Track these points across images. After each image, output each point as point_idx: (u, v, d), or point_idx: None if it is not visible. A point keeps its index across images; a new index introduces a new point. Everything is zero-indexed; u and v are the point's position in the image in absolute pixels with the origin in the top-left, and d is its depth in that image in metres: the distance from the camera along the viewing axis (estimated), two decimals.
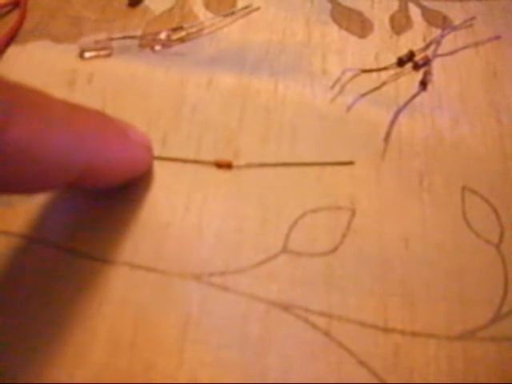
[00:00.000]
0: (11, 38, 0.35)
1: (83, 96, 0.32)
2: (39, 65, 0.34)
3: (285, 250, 0.27)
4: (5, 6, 0.37)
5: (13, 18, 0.36)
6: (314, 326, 0.25)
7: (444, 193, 0.29)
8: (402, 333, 0.25)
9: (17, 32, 0.36)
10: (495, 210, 0.29)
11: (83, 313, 0.25)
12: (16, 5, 0.37)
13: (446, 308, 0.26)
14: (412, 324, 0.25)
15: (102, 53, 0.35)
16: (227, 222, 0.28)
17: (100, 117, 0.24)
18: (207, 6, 0.38)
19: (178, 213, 0.28)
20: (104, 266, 0.26)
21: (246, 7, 0.37)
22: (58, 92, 0.31)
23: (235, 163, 0.29)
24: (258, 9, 0.37)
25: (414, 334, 0.25)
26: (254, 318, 0.25)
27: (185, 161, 0.29)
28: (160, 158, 0.29)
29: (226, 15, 0.37)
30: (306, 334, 0.25)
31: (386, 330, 0.25)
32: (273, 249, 0.27)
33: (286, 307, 0.26)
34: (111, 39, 0.35)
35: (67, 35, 0.36)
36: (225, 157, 0.30)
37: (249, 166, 0.29)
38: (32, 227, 0.27)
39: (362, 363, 0.24)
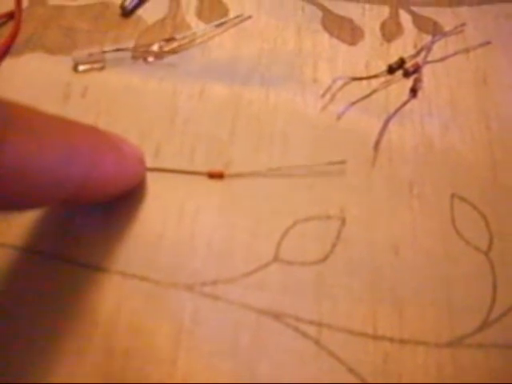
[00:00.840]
0: (6, 51, 0.36)
1: (77, 109, 0.32)
2: (34, 78, 0.34)
3: (276, 258, 0.28)
4: None
5: (7, 30, 0.37)
6: (304, 334, 0.26)
7: (434, 200, 0.30)
8: (391, 340, 0.26)
9: (11, 44, 0.36)
10: (484, 218, 0.29)
11: (77, 320, 0.26)
12: (10, 17, 0.38)
13: (435, 315, 0.26)
14: (401, 331, 0.26)
15: (95, 65, 0.35)
16: (219, 231, 0.28)
17: (94, 132, 0.25)
18: (199, 15, 0.38)
19: (171, 223, 0.28)
20: (97, 274, 0.27)
21: (237, 16, 0.37)
22: (53, 105, 0.32)
23: (227, 173, 0.30)
24: (249, 18, 0.37)
25: (402, 341, 0.26)
26: (245, 326, 0.26)
27: (177, 172, 0.30)
28: (153, 170, 0.30)
29: (217, 25, 0.37)
30: (296, 342, 0.25)
31: (376, 338, 0.26)
32: (264, 258, 0.28)
33: (277, 316, 0.26)
34: (104, 52, 0.35)
35: (61, 47, 0.36)
36: (217, 167, 0.30)
37: (239, 175, 0.30)
38: (27, 238, 0.28)
39: (351, 371, 0.25)
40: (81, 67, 0.35)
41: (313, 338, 0.26)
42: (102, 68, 0.35)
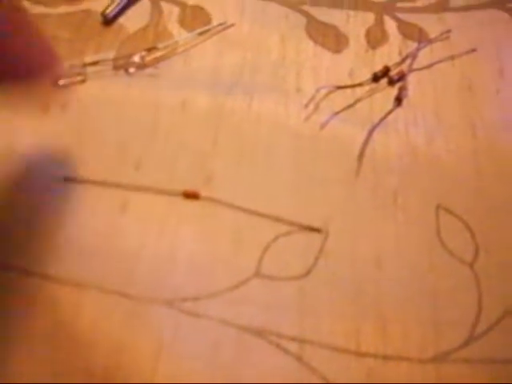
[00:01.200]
0: None
1: (58, 122, 0.32)
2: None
3: (257, 274, 0.27)
4: None
5: None
6: (286, 351, 0.25)
7: (418, 211, 0.29)
8: (375, 356, 0.25)
9: None
10: (470, 229, 0.29)
11: (54, 340, 0.25)
12: None
13: (419, 330, 0.26)
14: (384, 347, 0.25)
15: (76, 79, 0.34)
16: (200, 246, 0.28)
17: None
18: (182, 23, 0.37)
19: (151, 237, 0.28)
20: (74, 289, 0.26)
21: (220, 24, 0.37)
22: (32, 118, 0.32)
23: (205, 191, 0.29)
24: (232, 25, 0.37)
25: (386, 357, 0.25)
26: (226, 343, 0.25)
27: (155, 191, 0.29)
28: (130, 188, 0.29)
29: (200, 33, 0.36)
30: (278, 359, 0.25)
31: (359, 354, 0.25)
32: (245, 273, 0.27)
33: (259, 332, 0.25)
34: (85, 65, 0.35)
35: None
36: (198, 180, 0.30)
37: (214, 200, 0.29)
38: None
39: None
40: (61, 81, 0.34)
41: (295, 354, 0.25)
42: (82, 81, 0.35)
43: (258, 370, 0.25)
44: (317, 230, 0.28)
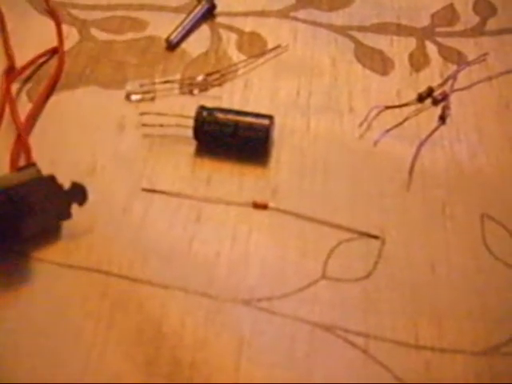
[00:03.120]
0: (54, 85, 0.39)
1: (132, 140, 0.35)
2: (89, 109, 0.37)
3: (324, 276, 0.30)
4: (43, 55, 0.40)
5: (50, 66, 0.40)
6: (353, 344, 0.28)
7: (465, 220, 0.33)
8: (432, 349, 0.28)
9: (58, 79, 0.39)
10: None
11: (145, 332, 0.28)
12: (54, 53, 0.41)
13: (471, 326, 0.29)
14: (440, 341, 0.28)
15: (146, 96, 0.38)
16: (270, 251, 0.31)
17: None
18: (240, 48, 0.41)
19: (226, 244, 0.31)
20: (160, 291, 0.29)
21: (276, 47, 0.40)
22: (108, 136, 0.35)
23: (272, 202, 0.33)
24: (286, 49, 0.40)
25: (442, 350, 0.28)
26: (301, 338, 0.28)
27: (226, 202, 0.33)
28: (204, 200, 0.33)
29: (257, 56, 0.40)
30: (346, 352, 0.28)
31: (418, 347, 0.28)
32: (313, 275, 0.30)
33: (328, 328, 0.29)
34: (154, 83, 0.38)
35: (113, 80, 0.39)
36: (265, 193, 0.33)
37: (281, 210, 0.33)
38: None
39: (397, 378, 0.27)
40: (133, 97, 0.38)
41: (361, 347, 0.28)
42: (152, 98, 0.38)
43: (330, 362, 0.28)
44: (375, 237, 0.32)
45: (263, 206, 0.33)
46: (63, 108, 0.38)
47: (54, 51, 0.41)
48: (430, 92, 0.38)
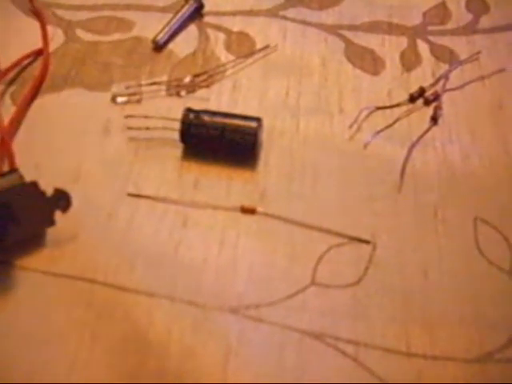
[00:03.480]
0: (38, 88, 0.38)
1: (118, 142, 0.35)
2: (74, 112, 0.36)
3: (313, 282, 0.30)
4: (28, 56, 0.39)
5: (34, 68, 0.39)
6: (343, 352, 0.28)
7: (457, 223, 0.32)
8: (424, 357, 0.28)
9: (42, 81, 0.38)
10: (506, 239, 0.31)
11: (132, 342, 0.27)
12: (39, 54, 0.40)
13: (464, 332, 0.28)
14: (432, 348, 0.28)
15: (132, 98, 0.37)
16: (259, 257, 0.30)
17: None
18: (228, 48, 0.40)
19: (213, 250, 0.31)
20: (146, 299, 0.29)
21: (265, 47, 0.40)
22: (94, 138, 0.34)
23: (260, 206, 0.32)
24: (275, 49, 0.40)
25: (434, 357, 0.28)
26: (290, 346, 0.28)
27: (214, 208, 0.32)
28: (191, 205, 0.32)
29: (246, 56, 0.39)
30: (336, 360, 0.27)
31: (409, 355, 0.28)
32: (302, 281, 0.30)
33: (318, 336, 0.28)
34: (140, 85, 0.37)
35: (99, 82, 0.38)
36: (253, 197, 0.32)
37: (269, 215, 0.32)
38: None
39: None
40: (119, 99, 0.37)
41: (351, 355, 0.28)
42: (138, 101, 0.37)
43: (319, 370, 0.27)
44: (366, 242, 0.31)
45: (251, 211, 0.32)
46: (48, 111, 0.37)
47: (38, 53, 0.40)
48: (421, 92, 0.37)
